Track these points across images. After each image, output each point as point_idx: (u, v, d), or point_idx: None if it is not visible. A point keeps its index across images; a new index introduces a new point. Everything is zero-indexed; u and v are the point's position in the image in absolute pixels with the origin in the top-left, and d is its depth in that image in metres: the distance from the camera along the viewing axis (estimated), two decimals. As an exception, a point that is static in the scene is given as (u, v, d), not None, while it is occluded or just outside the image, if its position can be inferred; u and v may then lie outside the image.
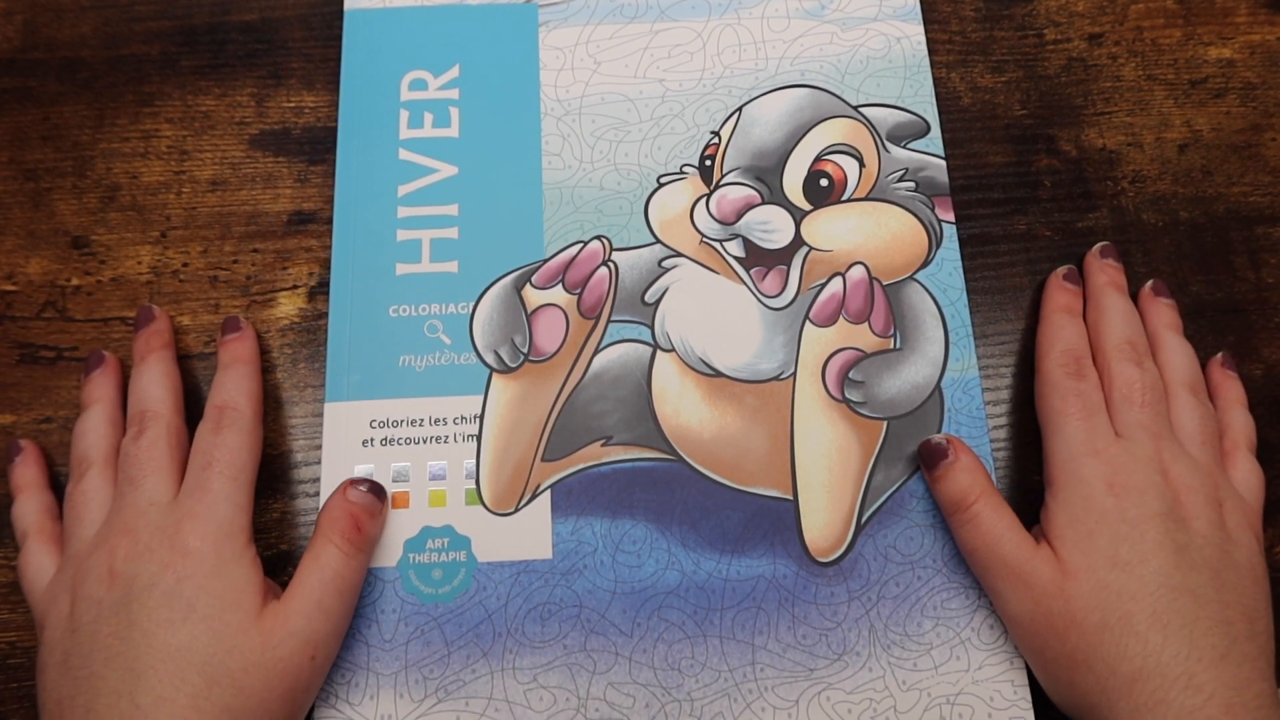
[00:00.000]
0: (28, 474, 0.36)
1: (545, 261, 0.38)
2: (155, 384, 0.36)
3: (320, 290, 0.39)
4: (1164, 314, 0.38)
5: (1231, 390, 0.37)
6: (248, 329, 0.38)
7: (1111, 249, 0.39)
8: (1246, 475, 0.35)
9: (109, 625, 0.30)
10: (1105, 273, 0.38)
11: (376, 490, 0.35)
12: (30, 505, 0.35)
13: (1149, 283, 0.38)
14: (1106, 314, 0.36)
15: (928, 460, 0.35)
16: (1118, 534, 0.31)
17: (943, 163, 0.40)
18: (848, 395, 0.36)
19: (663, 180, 0.39)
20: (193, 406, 0.37)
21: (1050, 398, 0.35)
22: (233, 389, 0.35)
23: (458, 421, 0.36)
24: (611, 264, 0.38)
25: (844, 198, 0.39)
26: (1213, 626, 0.30)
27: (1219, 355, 0.38)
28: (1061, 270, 0.38)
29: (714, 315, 0.38)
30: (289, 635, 0.31)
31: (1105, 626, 0.30)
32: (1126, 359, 0.35)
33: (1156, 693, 0.29)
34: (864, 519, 0.35)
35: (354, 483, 0.34)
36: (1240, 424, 0.36)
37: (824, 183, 0.39)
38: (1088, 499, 0.32)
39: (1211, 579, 0.31)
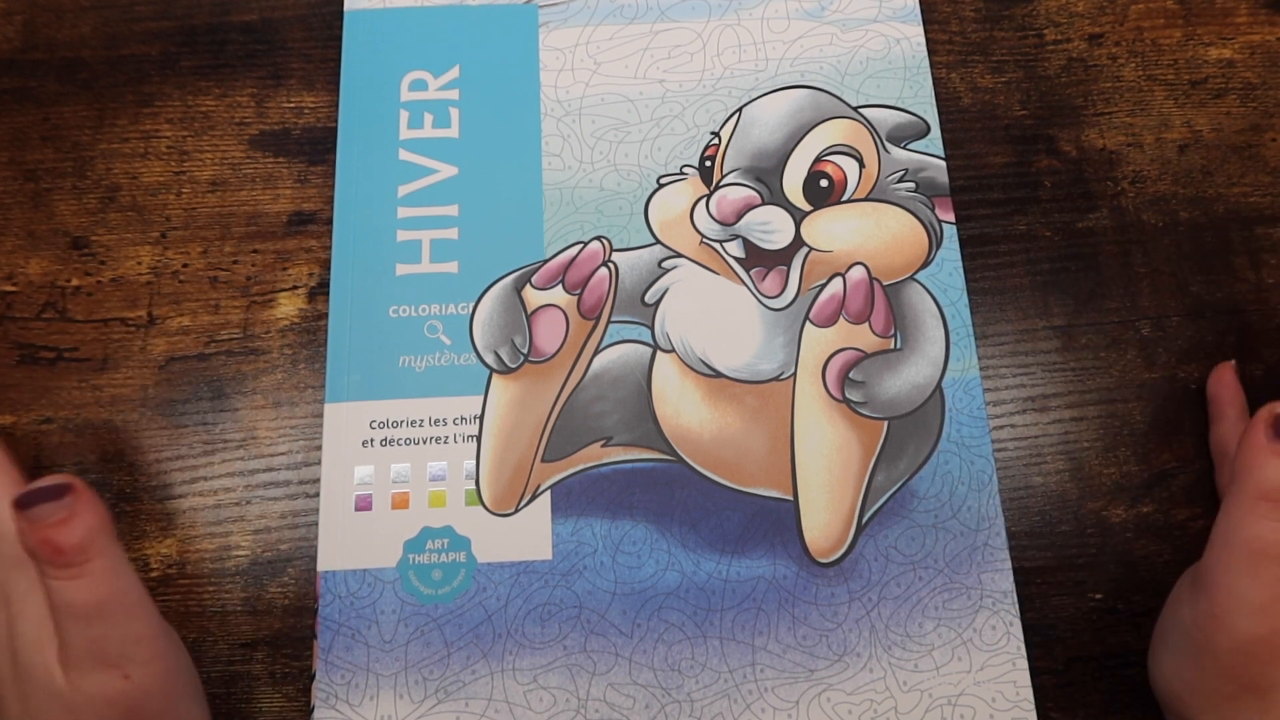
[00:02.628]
0: None
1: (545, 262, 0.38)
2: None
3: (320, 290, 0.39)
4: None
5: None
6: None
7: None
8: None
9: None
10: None
11: (53, 493, 0.27)
12: None
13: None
14: None
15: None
16: None
17: (943, 163, 0.40)
18: (848, 395, 0.36)
19: (663, 181, 0.39)
20: (199, 413, 0.37)
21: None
22: None
23: (457, 422, 0.36)
24: (611, 264, 0.38)
25: (844, 198, 0.39)
26: None
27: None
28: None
29: (714, 316, 0.38)
30: (86, 685, 0.27)
31: None
32: None
33: None
34: (865, 519, 0.35)
35: (19, 502, 0.27)
36: None
37: (824, 183, 0.39)
38: None
39: None
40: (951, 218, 0.39)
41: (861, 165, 0.39)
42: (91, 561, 0.27)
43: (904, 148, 0.40)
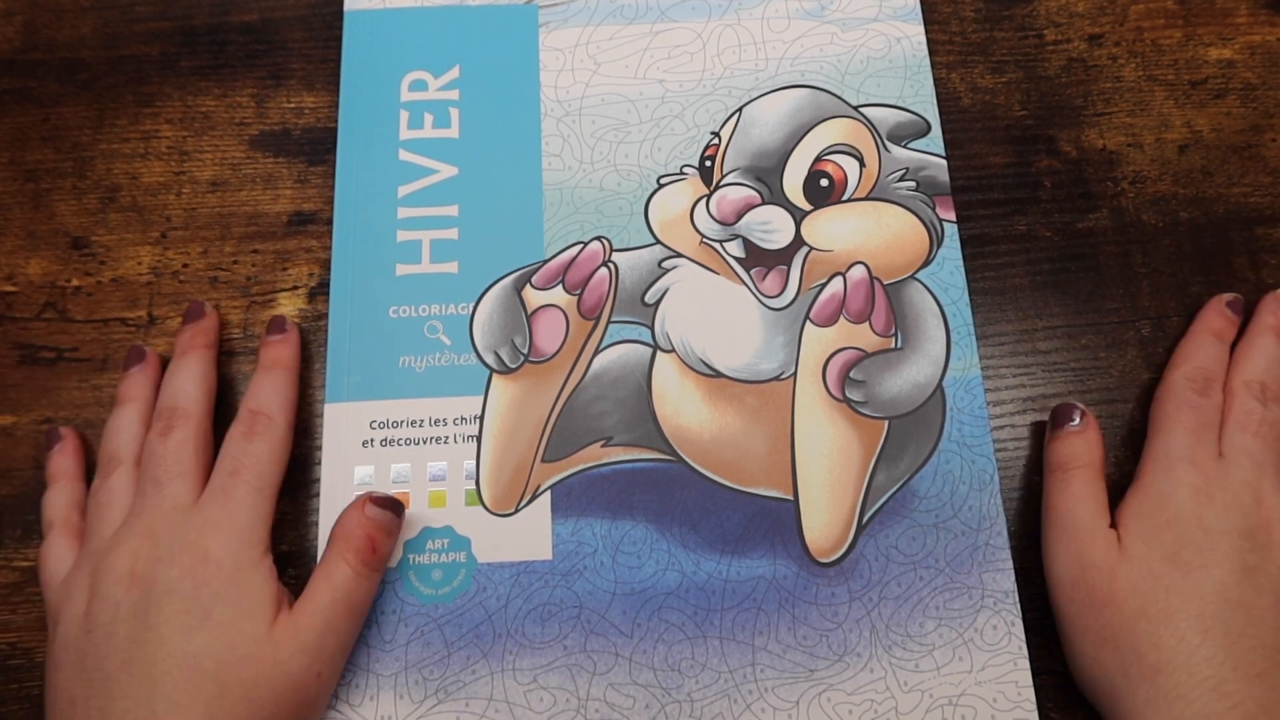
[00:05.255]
0: (64, 464, 0.36)
1: (545, 262, 0.38)
2: (190, 381, 0.35)
3: (320, 291, 0.39)
4: None
5: None
6: (292, 332, 0.37)
7: None
8: None
9: (125, 628, 0.30)
10: (1276, 315, 0.37)
11: (394, 507, 0.34)
12: (60, 496, 0.35)
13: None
14: (1254, 351, 0.36)
15: (1058, 418, 0.35)
16: (1185, 536, 0.31)
17: (943, 162, 0.40)
18: (849, 395, 0.36)
19: (663, 181, 0.39)
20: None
21: (1166, 403, 0.35)
22: (269, 396, 0.35)
23: (458, 422, 0.36)
24: (611, 265, 0.38)
25: (844, 198, 0.39)
26: (1257, 646, 0.29)
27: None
28: (1226, 296, 0.38)
29: (714, 316, 0.38)
30: (298, 650, 0.31)
31: (1143, 614, 0.30)
32: (1254, 395, 0.35)
33: (1179, 688, 0.29)
34: (865, 519, 0.35)
35: (373, 499, 0.33)
36: None
37: (824, 183, 0.39)
38: (1167, 497, 0.32)
39: (1273, 605, 0.30)
40: (952, 216, 0.39)
41: (862, 164, 0.39)
42: (379, 571, 0.33)
43: (905, 146, 0.40)
